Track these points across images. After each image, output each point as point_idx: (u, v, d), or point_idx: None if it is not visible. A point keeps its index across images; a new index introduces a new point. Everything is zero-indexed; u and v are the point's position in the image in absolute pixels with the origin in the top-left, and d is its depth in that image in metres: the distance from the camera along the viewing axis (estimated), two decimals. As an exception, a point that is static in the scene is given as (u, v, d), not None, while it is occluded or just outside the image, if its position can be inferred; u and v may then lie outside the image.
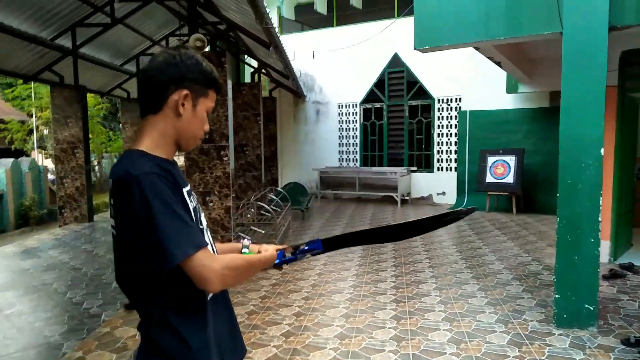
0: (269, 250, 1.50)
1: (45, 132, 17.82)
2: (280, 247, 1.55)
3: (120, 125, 13.79)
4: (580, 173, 3.71)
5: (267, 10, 6.10)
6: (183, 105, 1.38)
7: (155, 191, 1.24)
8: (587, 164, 3.70)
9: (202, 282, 1.25)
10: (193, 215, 1.37)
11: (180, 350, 1.32)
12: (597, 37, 3.71)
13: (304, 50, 12.49)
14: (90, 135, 11.11)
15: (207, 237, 1.46)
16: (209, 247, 1.44)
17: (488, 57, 7.02)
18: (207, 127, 1.49)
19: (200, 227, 1.42)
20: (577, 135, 3.75)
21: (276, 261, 1.50)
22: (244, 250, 1.51)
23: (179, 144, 1.43)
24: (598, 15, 3.72)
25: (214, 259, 1.27)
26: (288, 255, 1.54)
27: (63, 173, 9.37)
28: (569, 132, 3.79)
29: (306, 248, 1.55)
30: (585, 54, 3.74)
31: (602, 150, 3.69)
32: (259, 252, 1.50)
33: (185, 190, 1.38)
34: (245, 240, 1.55)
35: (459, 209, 1.70)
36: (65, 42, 8.87)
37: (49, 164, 16.42)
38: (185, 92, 1.38)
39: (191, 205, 1.38)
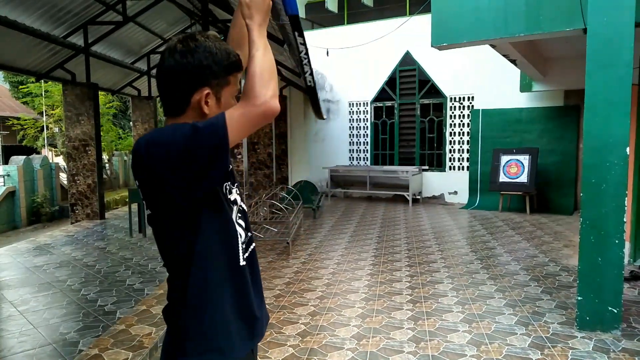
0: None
1: (56, 130, 17.91)
2: None
3: (131, 123, 13.81)
4: (605, 173, 3.63)
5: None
6: (207, 103, 1.33)
7: (188, 135, 1.20)
8: (612, 164, 3.61)
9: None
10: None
11: (197, 333, 1.32)
12: (623, 34, 3.62)
13: (315, 48, 12.44)
14: (101, 133, 11.13)
15: (234, 214, 1.41)
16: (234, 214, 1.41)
17: (504, 55, 6.93)
18: None
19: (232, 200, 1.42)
20: (602, 134, 3.66)
21: None
22: None
23: None
24: (624, 11, 3.63)
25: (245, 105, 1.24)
26: None
27: (75, 170, 9.40)
28: (594, 131, 3.70)
29: None
30: (611, 51, 3.66)
31: (627, 150, 3.60)
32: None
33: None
34: None
35: None
36: (77, 40, 8.89)
37: (60, 161, 16.50)
38: (206, 90, 1.32)
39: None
